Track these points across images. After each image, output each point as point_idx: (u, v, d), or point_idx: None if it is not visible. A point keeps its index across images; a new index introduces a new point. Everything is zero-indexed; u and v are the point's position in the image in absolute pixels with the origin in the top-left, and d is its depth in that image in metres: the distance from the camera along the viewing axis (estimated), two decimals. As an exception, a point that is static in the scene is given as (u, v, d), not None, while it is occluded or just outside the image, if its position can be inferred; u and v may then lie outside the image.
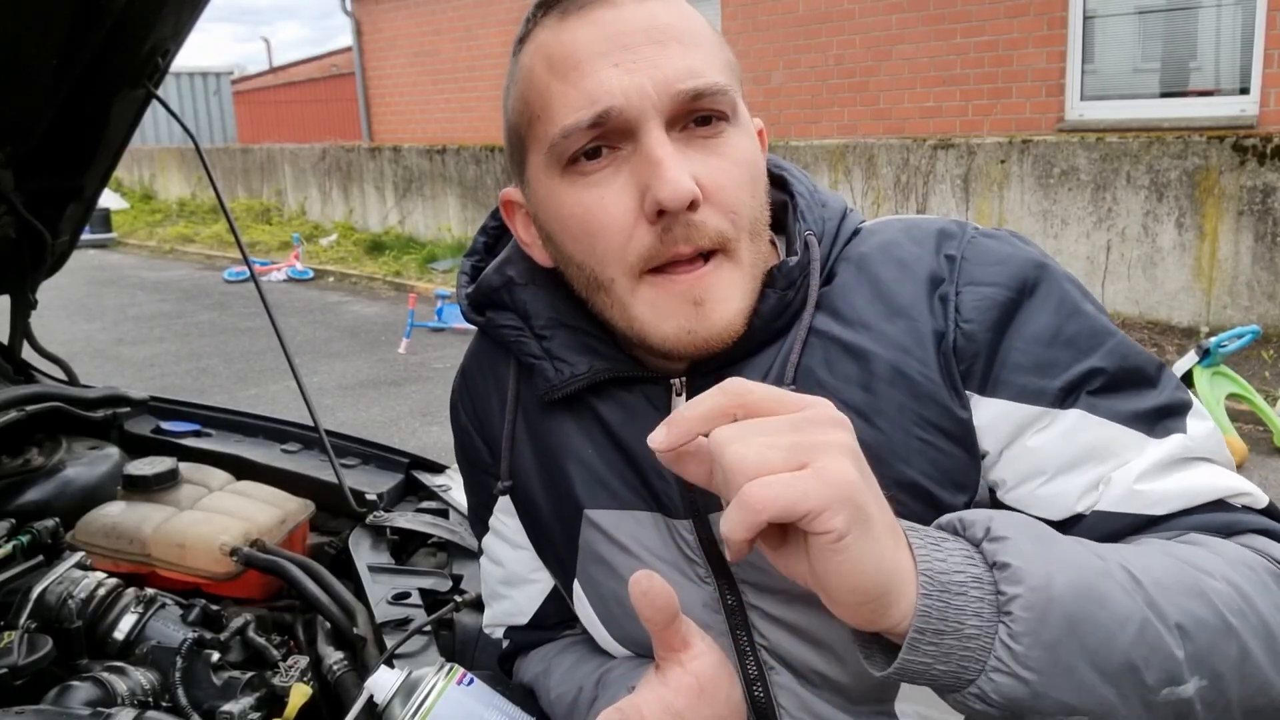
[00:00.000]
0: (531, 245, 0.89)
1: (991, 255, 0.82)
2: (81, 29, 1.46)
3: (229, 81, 21.28)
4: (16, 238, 1.77)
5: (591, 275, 0.81)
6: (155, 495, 1.50)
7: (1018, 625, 0.59)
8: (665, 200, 0.74)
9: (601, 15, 0.77)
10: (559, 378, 0.89)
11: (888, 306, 0.82)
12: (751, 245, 0.80)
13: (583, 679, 0.95)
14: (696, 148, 0.78)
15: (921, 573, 0.61)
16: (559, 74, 0.78)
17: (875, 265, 0.84)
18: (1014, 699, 0.60)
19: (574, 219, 0.80)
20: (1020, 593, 0.60)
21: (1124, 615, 0.62)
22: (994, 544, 0.62)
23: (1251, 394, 4.48)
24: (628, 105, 0.75)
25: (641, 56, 0.76)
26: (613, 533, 0.89)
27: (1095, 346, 0.79)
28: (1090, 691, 0.61)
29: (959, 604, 0.60)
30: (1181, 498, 0.76)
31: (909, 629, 0.60)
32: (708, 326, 0.78)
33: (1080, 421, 0.77)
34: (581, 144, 0.77)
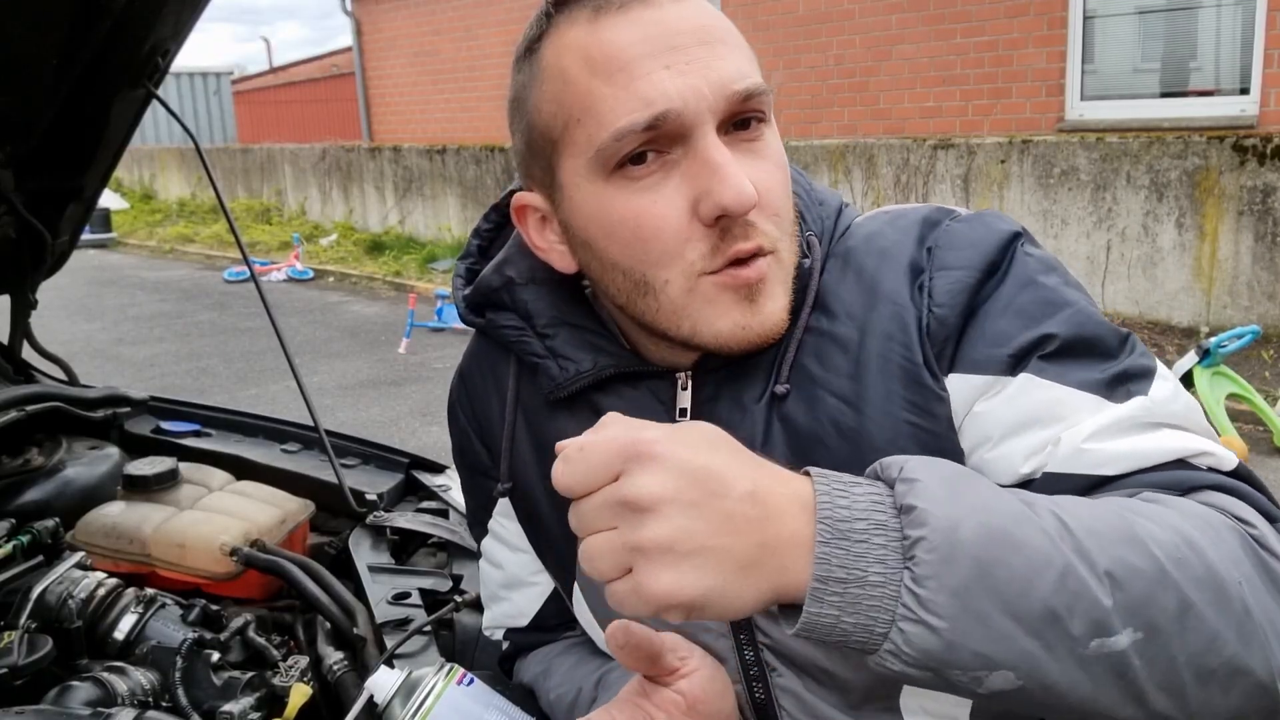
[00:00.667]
0: (549, 250, 0.87)
1: (963, 239, 0.82)
2: (81, 29, 1.46)
3: (229, 81, 21.27)
4: (16, 238, 1.77)
5: (640, 279, 0.80)
6: (155, 495, 1.50)
7: (921, 569, 0.57)
8: (730, 205, 0.73)
9: (642, 14, 0.76)
10: (564, 375, 0.89)
11: (871, 295, 0.82)
12: (790, 245, 0.81)
13: (582, 680, 0.95)
14: (742, 151, 0.77)
15: (820, 520, 0.60)
16: (603, 75, 0.75)
17: (859, 256, 0.85)
18: (927, 650, 0.58)
19: (625, 224, 0.78)
20: (924, 534, 0.58)
21: (1042, 561, 0.59)
22: (904, 485, 0.61)
23: (1251, 394, 4.48)
24: (685, 109, 0.74)
25: (694, 58, 0.75)
26: (613, 535, 0.89)
27: (1048, 315, 0.77)
28: (1009, 642, 0.58)
29: (860, 550, 0.59)
30: (1133, 458, 0.72)
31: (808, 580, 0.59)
32: (760, 321, 0.79)
33: (1026, 384, 0.76)
34: (633, 147, 0.75)
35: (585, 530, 0.61)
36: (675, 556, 0.58)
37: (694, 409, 0.86)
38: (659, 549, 0.58)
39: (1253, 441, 4.56)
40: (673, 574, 0.58)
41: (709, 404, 0.85)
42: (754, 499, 0.60)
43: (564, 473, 0.62)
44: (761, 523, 0.60)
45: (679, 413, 0.86)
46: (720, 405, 0.85)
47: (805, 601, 0.59)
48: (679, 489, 0.59)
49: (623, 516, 0.59)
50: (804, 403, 0.81)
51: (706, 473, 0.60)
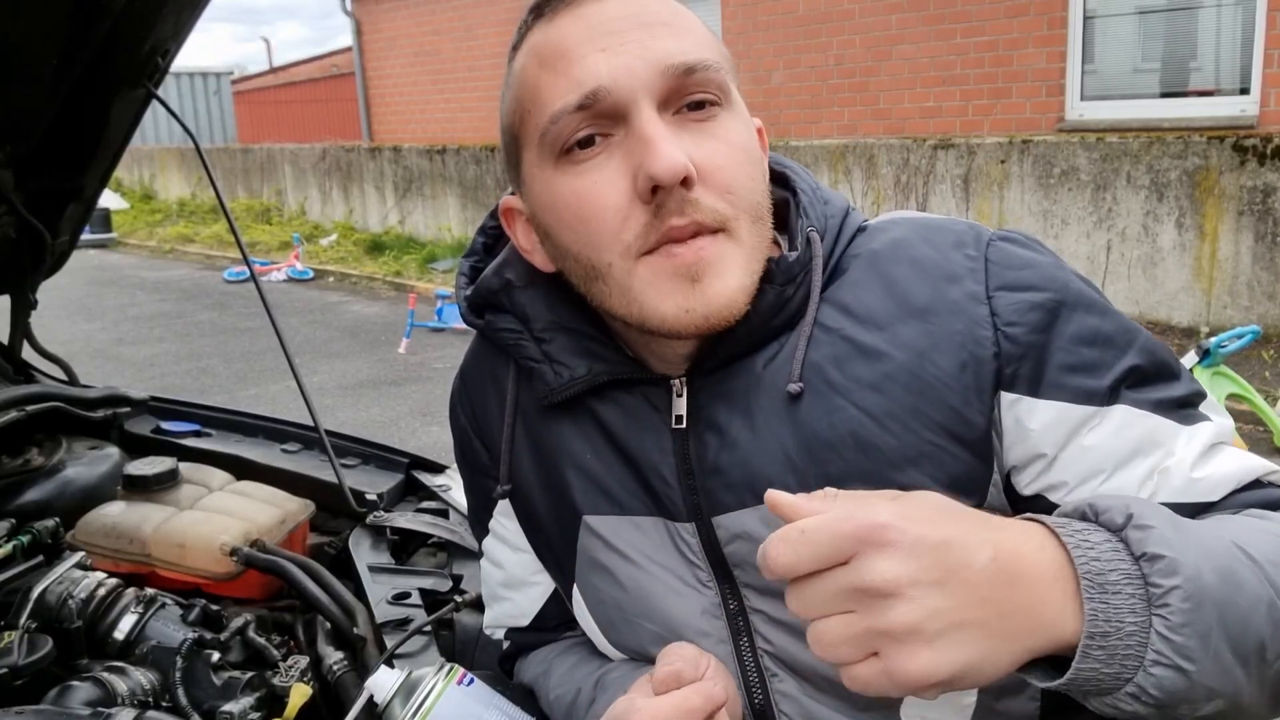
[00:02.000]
0: (532, 251, 0.88)
1: (1019, 259, 0.82)
2: (81, 29, 1.46)
3: (229, 81, 21.27)
4: (16, 238, 1.77)
5: (588, 264, 0.80)
6: (155, 495, 1.50)
7: (1176, 617, 0.59)
8: (658, 174, 0.73)
9: (588, 9, 0.78)
10: (558, 381, 0.88)
11: (902, 307, 0.81)
12: (753, 227, 0.79)
13: (581, 681, 0.95)
14: (690, 130, 0.77)
15: (1083, 576, 0.60)
16: (547, 66, 0.78)
17: (887, 263, 0.84)
18: (1172, 691, 0.59)
19: (568, 208, 0.79)
20: (1178, 584, 0.59)
21: (1256, 597, 0.62)
22: (1139, 532, 0.61)
23: (1251, 394, 4.48)
24: (615, 85, 0.75)
25: (629, 39, 0.76)
26: (611, 540, 0.89)
27: (1130, 343, 0.80)
28: (1229, 674, 0.61)
29: (1117, 603, 0.60)
30: (1230, 480, 0.77)
31: (1079, 638, 0.59)
32: (706, 303, 0.76)
33: (1127, 416, 0.78)
34: (572, 129, 0.76)
35: (812, 613, 0.61)
36: (928, 637, 0.58)
37: (690, 414, 0.85)
38: (909, 633, 0.58)
39: (1253, 441, 4.56)
40: (928, 653, 0.58)
41: (705, 409, 0.85)
42: (998, 565, 0.60)
43: (783, 554, 0.60)
44: (1011, 589, 0.60)
45: (674, 419, 0.86)
46: (718, 410, 0.84)
47: (1075, 659, 0.59)
48: (921, 569, 0.58)
49: (862, 603, 0.58)
50: (820, 406, 0.80)
51: (946, 547, 0.59)
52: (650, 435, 0.87)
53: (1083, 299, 0.81)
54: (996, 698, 0.81)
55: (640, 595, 0.88)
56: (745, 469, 0.82)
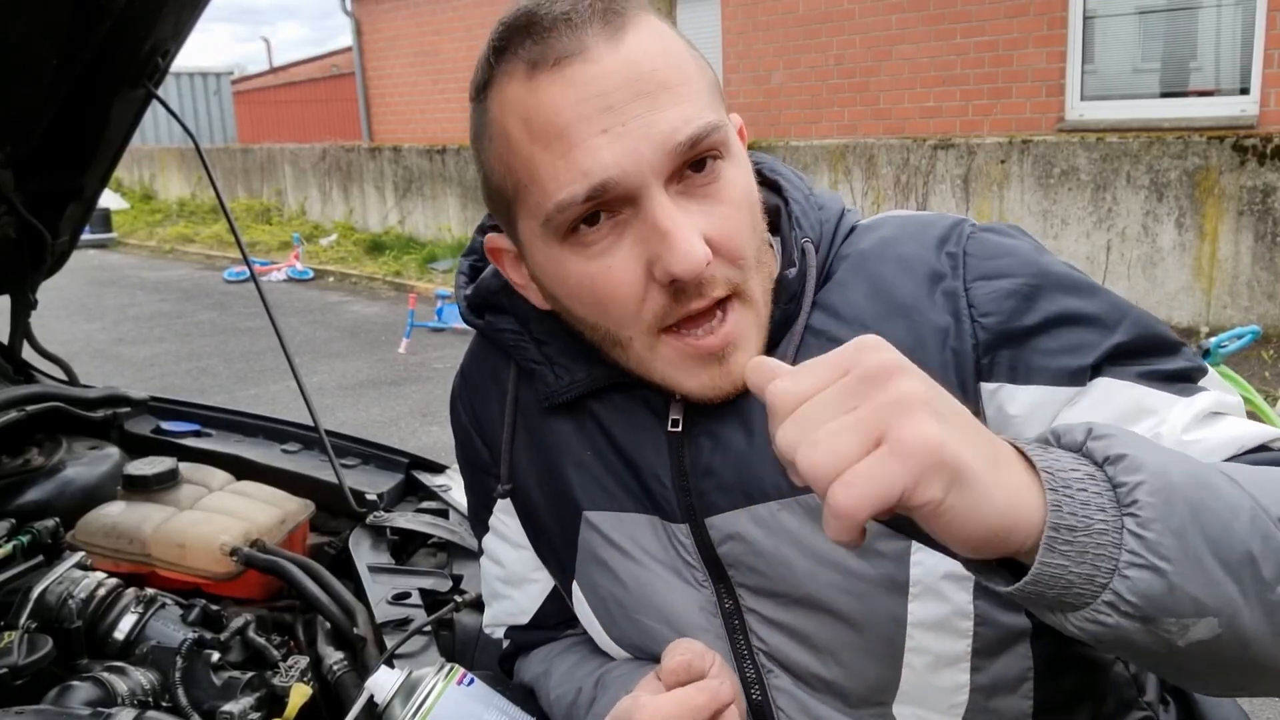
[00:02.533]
0: (526, 288, 0.88)
1: (995, 248, 0.82)
2: (81, 29, 1.46)
3: (229, 81, 21.27)
4: (16, 238, 1.77)
5: (607, 334, 0.81)
6: (155, 495, 1.50)
7: (1146, 512, 0.55)
8: (681, 273, 0.73)
9: (578, 73, 0.73)
10: (559, 384, 0.89)
11: (887, 305, 0.82)
12: (759, 278, 0.80)
13: (582, 680, 0.95)
14: (697, 199, 0.76)
15: (1042, 470, 0.57)
16: (542, 142, 0.74)
17: (873, 262, 0.84)
18: (1151, 595, 0.55)
19: (582, 289, 0.78)
20: (1143, 479, 0.56)
21: (1235, 504, 0.59)
22: (1099, 441, 0.59)
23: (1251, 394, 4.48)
24: (623, 176, 0.73)
25: (630, 116, 0.72)
26: (611, 535, 0.89)
27: (1119, 321, 0.79)
28: (1218, 586, 0.57)
29: (1083, 498, 0.56)
30: (1229, 445, 0.74)
31: (1042, 530, 0.55)
32: (733, 379, 0.79)
33: (1109, 387, 0.77)
34: (579, 215, 0.75)
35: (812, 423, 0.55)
36: (935, 410, 0.54)
37: (686, 419, 0.86)
38: (920, 400, 0.54)
39: (1253, 441, 4.56)
40: (935, 423, 0.54)
41: (702, 415, 0.85)
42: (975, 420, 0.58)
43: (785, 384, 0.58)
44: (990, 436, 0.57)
45: (671, 423, 0.86)
46: (713, 414, 0.85)
47: (1040, 551, 0.55)
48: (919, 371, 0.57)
49: (866, 388, 0.55)
50: None
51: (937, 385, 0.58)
52: (647, 438, 0.87)
53: (1063, 281, 0.80)
54: (988, 696, 0.81)
55: (640, 591, 0.88)
56: (738, 471, 0.82)
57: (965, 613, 0.78)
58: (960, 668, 0.80)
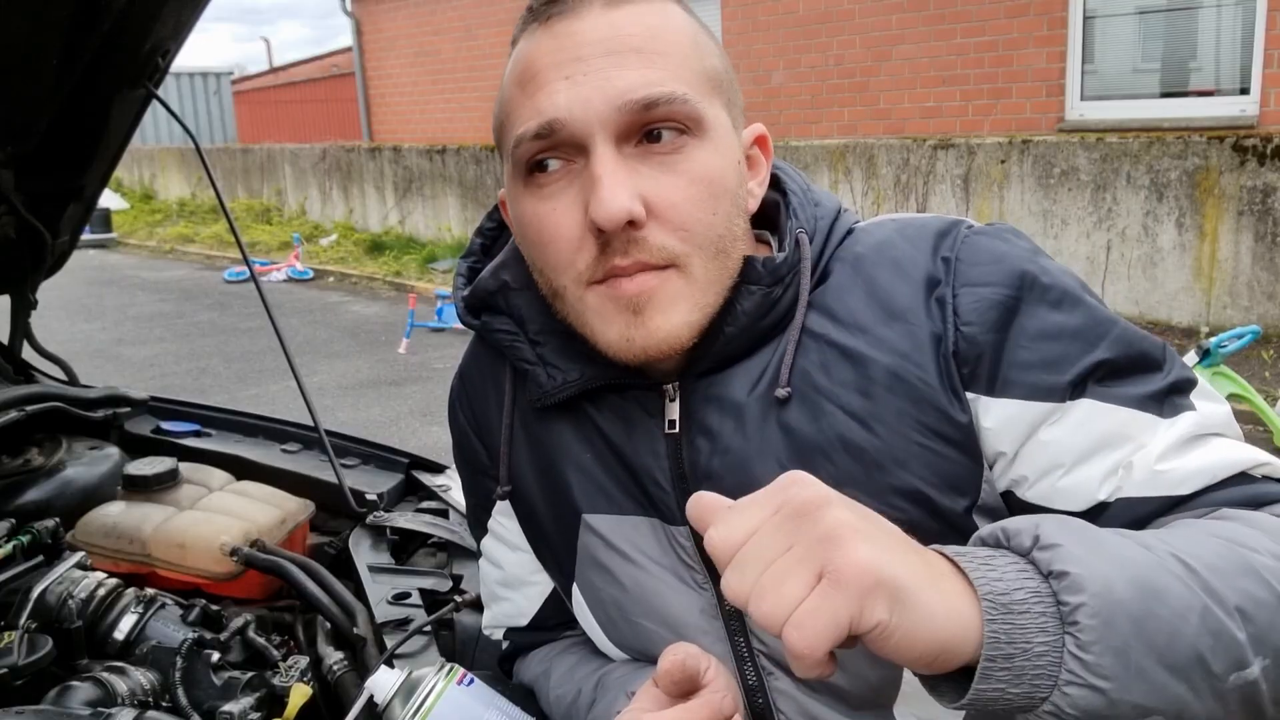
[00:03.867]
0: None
1: (986, 254, 0.80)
2: (81, 29, 1.46)
3: (229, 81, 21.27)
4: (16, 238, 1.77)
5: (547, 282, 0.83)
6: (155, 495, 1.50)
7: (1085, 635, 0.58)
8: (599, 220, 0.74)
9: (564, 27, 0.78)
10: (551, 384, 0.89)
11: (884, 310, 0.81)
12: (710, 262, 0.79)
13: (581, 681, 0.95)
14: (652, 164, 0.77)
15: (984, 598, 0.59)
16: (519, 83, 0.79)
17: (870, 266, 0.84)
18: (1090, 709, 0.58)
19: (531, 228, 0.81)
20: (1084, 600, 0.58)
21: (1185, 606, 0.60)
22: (1046, 552, 0.60)
23: (1251, 394, 4.48)
24: (571, 119, 0.75)
25: (593, 68, 0.76)
26: (611, 538, 0.89)
27: (1101, 336, 0.78)
28: (1163, 690, 0.59)
29: (1024, 622, 0.58)
30: (1204, 474, 0.74)
31: (979, 659, 0.58)
32: (645, 334, 0.78)
33: (1092, 410, 0.76)
34: (532, 153, 0.78)
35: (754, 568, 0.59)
36: (865, 534, 0.58)
37: (682, 419, 0.85)
38: (849, 528, 0.58)
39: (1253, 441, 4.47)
40: (868, 547, 0.57)
41: (697, 413, 0.85)
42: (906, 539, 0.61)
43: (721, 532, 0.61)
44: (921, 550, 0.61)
45: (668, 424, 0.86)
46: (709, 414, 0.84)
47: (975, 679, 0.59)
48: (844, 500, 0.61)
49: (797, 525, 0.59)
50: (807, 412, 0.80)
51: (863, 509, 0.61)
52: (644, 440, 0.87)
53: (1047, 293, 0.79)
54: None
55: (640, 594, 0.88)
56: (738, 474, 0.82)
57: None
58: None
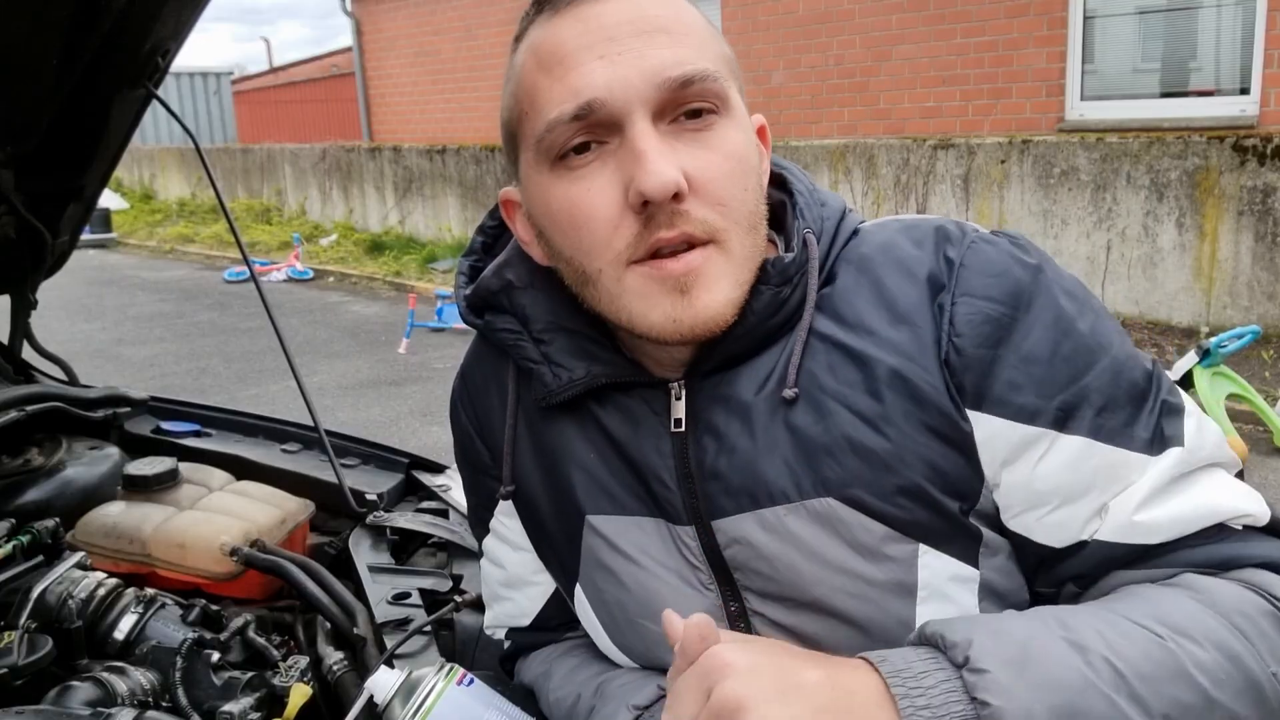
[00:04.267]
0: (531, 244, 0.89)
1: (989, 264, 0.79)
2: (81, 29, 1.46)
3: (229, 81, 21.27)
4: (16, 238, 1.77)
5: (580, 269, 0.81)
6: (155, 495, 1.50)
7: None
8: (648, 191, 0.74)
9: (589, 10, 0.78)
10: (556, 383, 0.88)
11: (891, 312, 0.81)
12: (745, 238, 0.79)
13: (582, 685, 0.95)
14: (686, 141, 0.77)
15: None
16: (545, 69, 0.78)
17: (876, 267, 0.83)
18: None
19: (562, 213, 0.80)
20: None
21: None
22: (973, 675, 0.65)
23: (1251, 394, 4.48)
24: (610, 97, 0.75)
25: (627, 48, 0.76)
26: (615, 539, 0.89)
27: (1090, 365, 0.77)
28: None
29: None
30: (1179, 524, 0.75)
31: None
32: (693, 314, 0.77)
33: (1085, 450, 0.76)
34: (567, 137, 0.77)
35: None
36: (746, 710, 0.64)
37: (688, 418, 0.85)
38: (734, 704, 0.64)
39: (1253, 441, 4.56)
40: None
41: (704, 412, 0.85)
42: (831, 682, 0.67)
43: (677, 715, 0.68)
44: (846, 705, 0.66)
45: (674, 422, 0.86)
46: (716, 413, 0.84)
47: None
48: (760, 687, 0.65)
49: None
50: (813, 412, 0.80)
51: (779, 669, 0.67)
52: (649, 438, 0.87)
53: (1044, 313, 0.78)
54: None
55: (643, 595, 0.88)
56: (744, 474, 0.82)
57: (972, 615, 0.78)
58: None
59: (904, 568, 0.79)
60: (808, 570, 0.80)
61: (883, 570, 0.79)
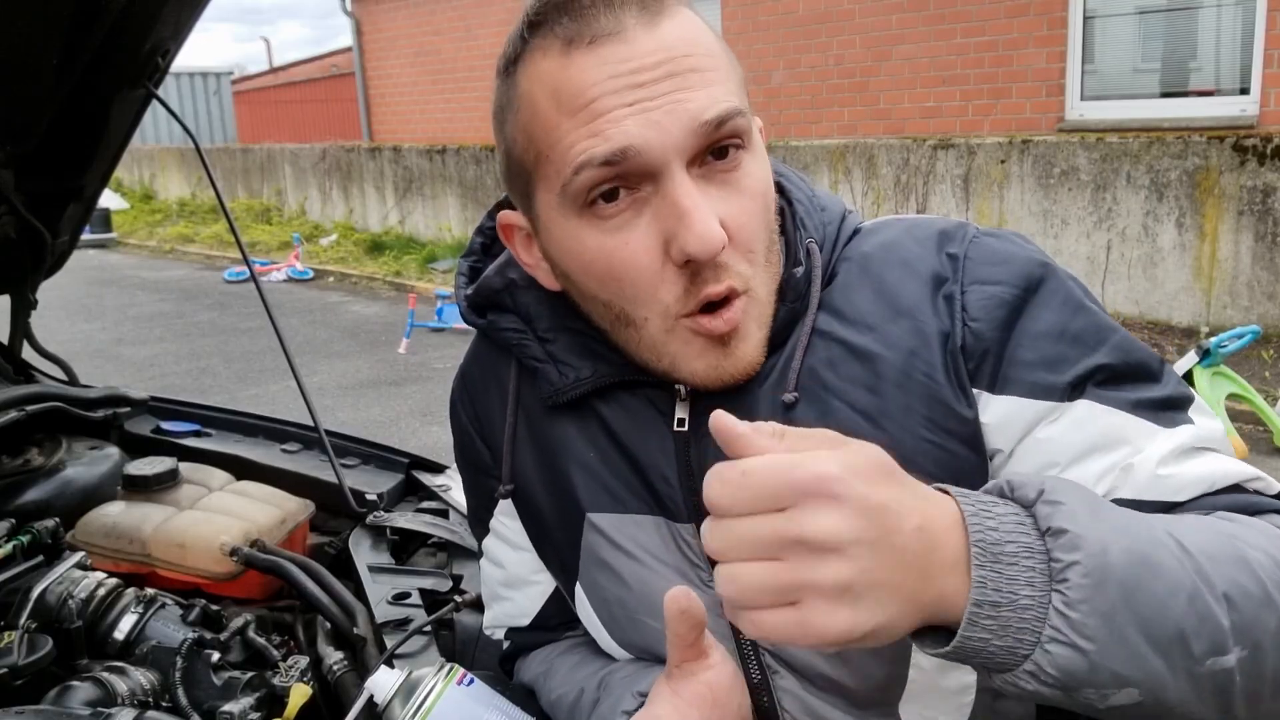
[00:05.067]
0: (535, 267, 0.88)
1: (995, 254, 0.82)
2: (81, 29, 1.45)
3: (229, 81, 21.27)
4: (16, 238, 1.77)
5: (621, 313, 0.81)
6: (155, 495, 1.50)
7: (1074, 593, 0.57)
8: (696, 253, 0.73)
9: (613, 52, 0.74)
10: (563, 382, 0.89)
11: (892, 307, 0.82)
12: (768, 279, 0.81)
13: (584, 680, 0.95)
14: (717, 184, 0.77)
15: (973, 544, 0.59)
16: (568, 111, 0.75)
17: (878, 265, 0.84)
18: (1070, 670, 0.58)
19: (598, 264, 0.78)
20: (1078, 559, 0.58)
21: (1175, 584, 0.60)
22: (1048, 507, 0.60)
23: (1251, 394, 4.48)
24: (646, 147, 0.73)
25: (659, 93, 0.73)
26: (615, 537, 0.89)
27: (1101, 341, 0.79)
28: (1142, 662, 0.59)
29: (1011, 573, 0.58)
30: (1202, 482, 0.75)
31: (965, 604, 0.58)
32: (733, 363, 0.80)
33: (1089, 411, 0.77)
34: (596, 183, 0.75)
35: (734, 555, 0.58)
36: (854, 595, 0.56)
37: (692, 419, 0.86)
38: (840, 590, 0.56)
39: (1253, 441, 4.56)
40: (849, 612, 0.56)
41: (708, 412, 0.85)
42: (922, 532, 0.59)
43: (720, 494, 0.59)
44: (928, 554, 0.59)
45: (677, 421, 0.86)
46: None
47: (961, 626, 0.58)
48: (860, 529, 0.57)
49: (795, 553, 0.57)
50: (816, 409, 0.81)
51: (884, 510, 0.57)
52: (653, 437, 0.87)
53: (1054, 295, 0.80)
54: (996, 696, 0.81)
55: (644, 592, 0.88)
56: None
57: None
58: (966, 668, 0.80)
59: None
60: None
61: None
